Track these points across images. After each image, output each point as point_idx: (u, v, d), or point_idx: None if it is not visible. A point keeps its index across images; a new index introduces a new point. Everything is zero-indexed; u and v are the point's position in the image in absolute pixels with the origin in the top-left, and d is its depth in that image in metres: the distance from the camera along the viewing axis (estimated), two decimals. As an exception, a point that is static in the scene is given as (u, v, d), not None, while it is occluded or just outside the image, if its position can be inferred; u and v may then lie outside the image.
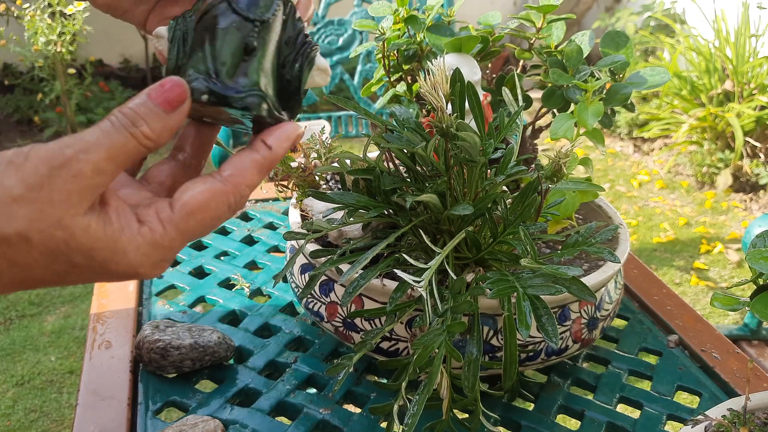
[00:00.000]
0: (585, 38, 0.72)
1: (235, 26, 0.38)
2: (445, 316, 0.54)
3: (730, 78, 3.05)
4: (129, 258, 0.36)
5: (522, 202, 0.59)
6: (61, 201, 0.33)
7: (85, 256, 0.35)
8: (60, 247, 0.34)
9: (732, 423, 0.50)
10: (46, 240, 0.34)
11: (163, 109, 0.36)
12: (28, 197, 0.33)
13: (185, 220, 0.37)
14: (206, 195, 0.37)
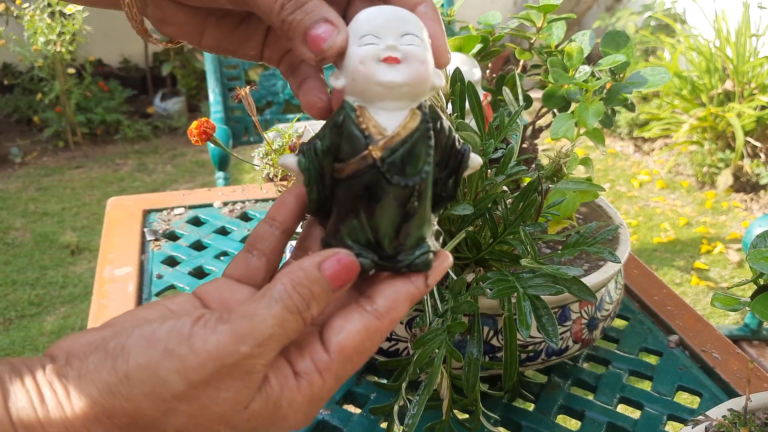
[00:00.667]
0: (585, 38, 0.72)
1: (392, 197, 0.34)
2: (446, 317, 0.54)
3: (730, 78, 3.04)
4: (288, 421, 0.33)
5: (522, 202, 0.59)
6: (227, 398, 0.30)
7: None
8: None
9: (732, 423, 0.50)
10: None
11: (332, 287, 0.32)
12: (191, 395, 0.29)
13: (344, 366, 0.33)
14: (363, 335, 0.33)
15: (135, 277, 0.84)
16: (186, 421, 0.30)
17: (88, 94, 3.42)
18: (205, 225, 0.98)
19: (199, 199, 1.04)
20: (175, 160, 3.28)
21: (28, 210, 2.75)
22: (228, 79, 1.49)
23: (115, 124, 3.47)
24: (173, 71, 3.61)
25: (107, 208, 1.01)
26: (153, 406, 0.29)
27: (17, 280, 2.26)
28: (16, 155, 3.20)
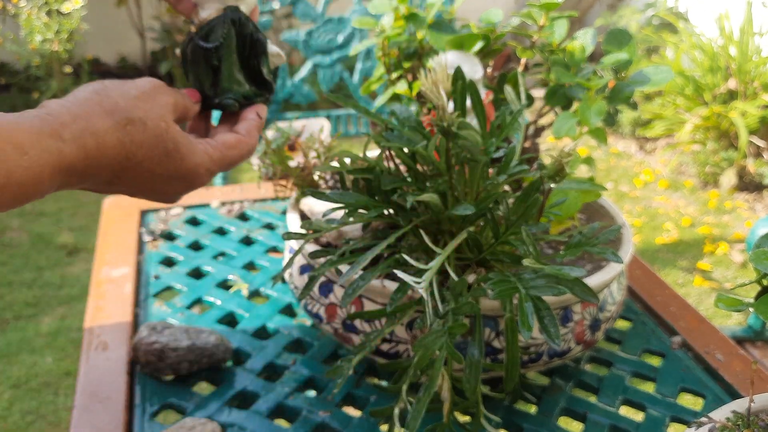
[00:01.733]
0: (588, 36, 0.71)
1: (201, 55, 0.54)
2: (447, 318, 0.53)
3: (733, 76, 3.04)
4: (197, 157, 0.51)
5: (524, 201, 0.58)
6: (162, 106, 0.50)
7: (174, 144, 0.49)
8: (162, 133, 0.48)
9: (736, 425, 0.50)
10: (155, 126, 0.48)
11: (192, 100, 0.56)
12: (144, 97, 0.49)
13: (223, 153, 0.53)
14: (234, 138, 0.54)
15: (132, 278, 0.83)
16: (144, 114, 0.48)
17: (87, 93, 3.42)
18: (202, 225, 0.97)
19: (196, 199, 1.03)
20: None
21: (24, 210, 2.74)
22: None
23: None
24: (171, 70, 3.60)
25: (104, 208, 1.00)
26: (124, 101, 0.48)
27: (14, 281, 2.26)
28: (16, 155, 3.20)
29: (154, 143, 0.49)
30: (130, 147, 0.47)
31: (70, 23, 2.95)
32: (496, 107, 0.74)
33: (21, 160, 0.41)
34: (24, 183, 0.42)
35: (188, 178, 0.51)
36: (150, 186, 0.50)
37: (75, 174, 0.45)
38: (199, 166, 0.52)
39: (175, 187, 0.52)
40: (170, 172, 0.50)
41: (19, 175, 0.41)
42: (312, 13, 1.44)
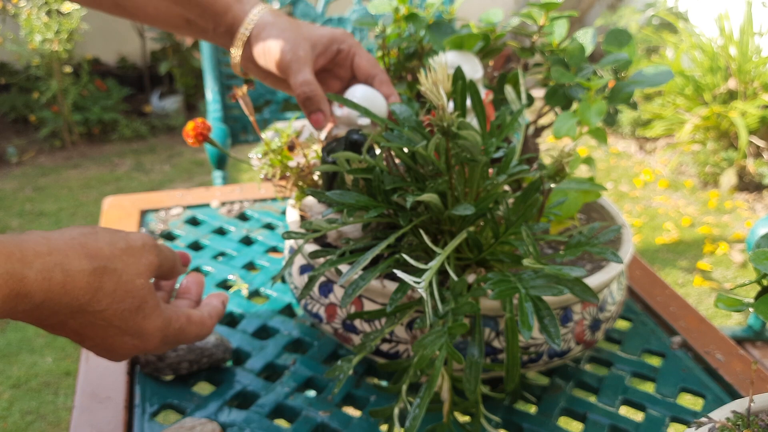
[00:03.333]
0: (587, 36, 0.71)
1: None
2: (446, 318, 0.53)
3: (733, 76, 3.04)
4: (158, 321, 0.51)
5: (524, 201, 0.58)
6: (144, 264, 0.51)
7: (141, 303, 0.50)
8: (133, 289, 0.49)
9: (736, 425, 0.50)
10: (129, 280, 0.49)
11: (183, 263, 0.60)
12: (130, 252, 0.50)
13: (186, 323, 0.55)
14: (199, 317, 0.56)
15: (133, 278, 0.83)
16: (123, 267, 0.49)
17: (85, 93, 3.41)
18: (202, 225, 0.97)
19: (196, 199, 1.03)
20: (173, 159, 3.27)
21: (24, 210, 2.74)
22: (226, 77, 1.49)
23: (112, 123, 3.46)
24: (171, 70, 3.60)
25: (104, 207, 1.00)
26: (109, 249, 0.49)
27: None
28: (13, 155, 3.20)
29: (122, 297, 0.49)
30: (97, 294, 0.47)
31: (70, 23, 2.95)
32: (496, 107, 0.74)
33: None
34: None
35: (142, 337, 0.51)
36: (101, 336, 0.49)
37: (30, 303, 0.44)
38: (157, 330, 0.51)
39: (124, 344, 0.51)
40: (126, 328, 0.50)
41: None
42: (312, 13, 1.44)
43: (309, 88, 0.64)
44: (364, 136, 0.65)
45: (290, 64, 0.65)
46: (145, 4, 0.70)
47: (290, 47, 0.65)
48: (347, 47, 0.69)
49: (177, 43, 3.59)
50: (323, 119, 0.65)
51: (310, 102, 0.64)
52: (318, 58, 0.68)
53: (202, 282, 0.62)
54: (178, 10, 0.70)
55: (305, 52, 0.66)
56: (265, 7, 0.69)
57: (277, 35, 0.66)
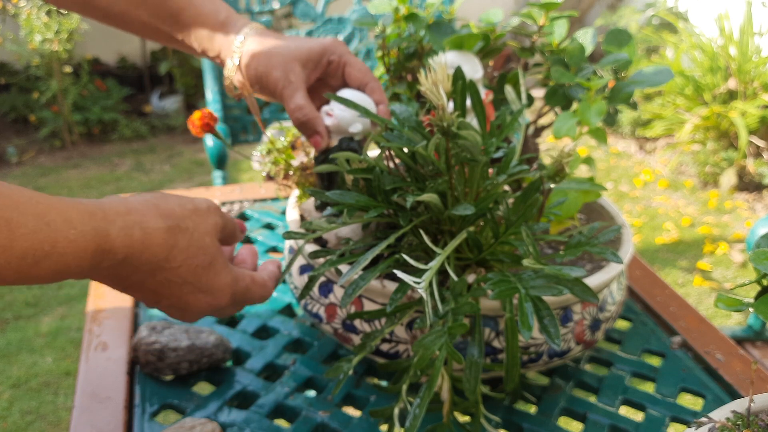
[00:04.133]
0: (587, 36, 0.71)
1: None
2: (447, 318, 0.53)
3: (733, 76, 3.04)
4: (228, 278, 0.54)
5: (524, 201, 0.58)
6: (211, 224, 0.54)
7: (212, 260, 0.53)
8: (204, 246, 0.52)
9: (736, 425, 0.50)
10: (200, 238, 0.52)
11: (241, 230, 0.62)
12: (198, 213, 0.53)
13: (251, 284, 0.57)
14: (261, 280, 0.59)
15: (133, 278, 0.83)
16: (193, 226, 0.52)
17: (85, 92, 3.41)
18: (203, 225, 0.97)
19: (197, 199, 1.03)
20: (173, 159, 3.27)
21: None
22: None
23: (112, 123, 3.46)
24: (171, 70, 3.60)
25: (105, 207, 1.00)
26: (180, 210, 0.52)
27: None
28: (13, 155, 3.20)
29: (194, 253, 0.52)
30: (172, 251, 0.50)
31: (69, 23, 2.95)
32: (496, 107, 0.74)
33: (68, 232, 0.43)
34: (65, 254, 0.43)
35: (214, 294, 0.54)
36: (176, 294, 0.52)
37: (113, 259, 0.47)
38: (227, 286, 0.54)
39: (198, 301, 0.53)
40: (200, 285, 0.53)
41: (63, 246, 0.43)
42: (312, 13, 1.44)
43: (302, 113, 0.65)
44: (357, 143, 0.65)
45: (283, 92, 0.66)
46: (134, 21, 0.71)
47: (281, 73, 0.66)
48: (337, 58, 0.69)
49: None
50: (321, 141, 0.66)
51: (305, 126, 0.66)
52: (310, 74, 0.68)
53: (256, 253, 0.63)
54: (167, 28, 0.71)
55: (296, 76, 0.66)
56: (249, 31, 0.69)
57: (266, 62, 0.66)
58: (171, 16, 0.70)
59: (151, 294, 0.52)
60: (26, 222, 0.41)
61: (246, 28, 0.69)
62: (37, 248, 0.42)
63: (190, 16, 0.69)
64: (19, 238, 0.41)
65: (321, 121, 0.66)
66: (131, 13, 0.71)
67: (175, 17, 0.70)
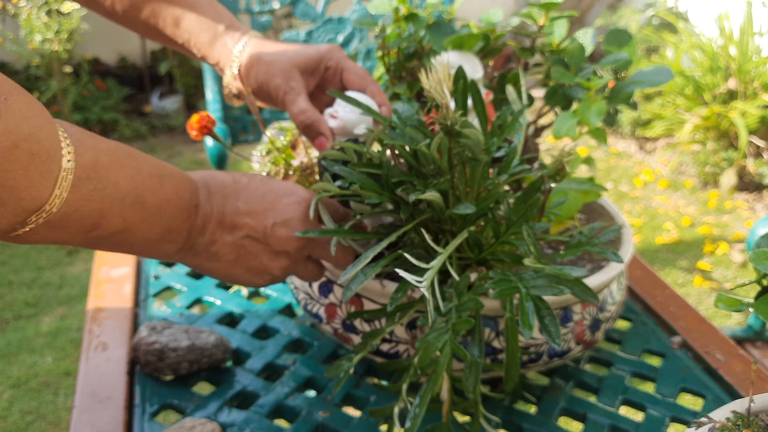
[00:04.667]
0: (587, 36, 0.71)
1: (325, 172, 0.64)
2: (450, 315, 0.53)
3: (733, 76, 3.04)
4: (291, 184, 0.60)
5: (525, 201, 0.58)
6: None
7: (267, 177, 0.60)
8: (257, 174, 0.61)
9: (736, 425, 0.49)
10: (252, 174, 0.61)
11: None
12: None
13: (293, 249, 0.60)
14: None
15: (132, 278, 0.83)
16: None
17: (85, 92, 3.41)
18: (203, 225, 0.97)
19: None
20: (173, 159, 3.27)
21: (27, 209, 2.74)
22: (228, 77, 1.48)
23: (112, 123, 3.46)
24: (171, 70, 3.60)
25: (105, 207, 1.00)
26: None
27: (13, 281, 2.25)
28: (15, 155, 3.19)
29: (249, 175, 0.59)
30: (235, 176, 0.58)
31: (69, 23, 2.95)
32: (497, 107, 0.74)
33: (168, 165, 0.53)
34: (175, 177, 0.52)
35: (293, 193, 0.58)
36: (262, 205, 0.57)
37: (202, 187, 0.55)
38: (295, 185, 0.59)
39: (287, 203, 0.58)
40: (275, 189, 0.58)
41: (172, 171, 0.52)
42: (312, 13, 1.44)
43: (306, 116, 0.66)
44: (362, 145, 0.65)
45: (285, 98, 0.68)
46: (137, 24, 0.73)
47: (282, 80, 0.67)
48: (335, 64, 0.70)
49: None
50: (326, 142, 0.67)
51: (310, 129, 0.66)
52: (309, 81, 0.70)
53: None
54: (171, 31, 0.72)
55: (297, 82, 0.68)
56: (248, 40, 0.70)
57: (266, 71, 0.68)
58: (173, 20, 0.71)
59: (251, 219, 0.56)
60: (140, 155, 0.50)
61: (245, 38, 0.70)
62: (158, 169, 0.51)
63: (191, 21, 0.70)
64: (143, 164, 0.49)
65: (325, 123, 0.66)
66: (133, 14, 0.72)
67: (177, 22, 0.71)
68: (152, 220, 0.50)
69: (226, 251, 0.56)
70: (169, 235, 0.52)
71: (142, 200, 0.49)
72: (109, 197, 0.46)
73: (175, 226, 0.52)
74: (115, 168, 0.47)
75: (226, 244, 0.56)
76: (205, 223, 0.55)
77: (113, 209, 0.47)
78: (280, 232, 0.57)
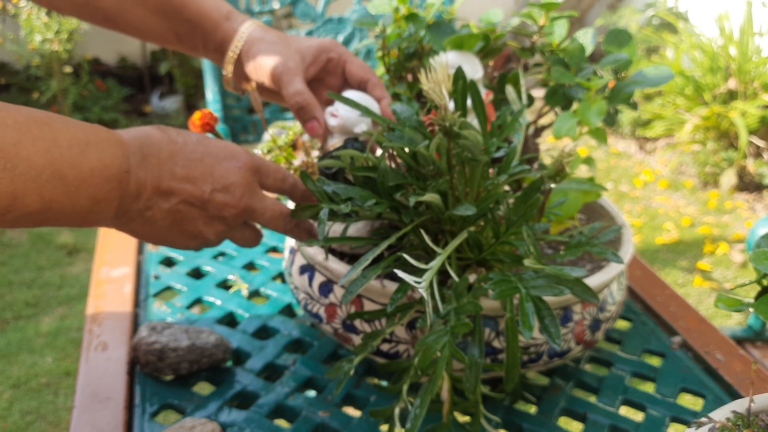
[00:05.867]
0: (587, 36, 0.71)
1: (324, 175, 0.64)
2: (449, 317, 0.53)
3: (734, 76, 3.04)
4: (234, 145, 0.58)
5: (525, 201, 0.58)
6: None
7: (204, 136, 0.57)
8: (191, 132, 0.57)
9: (736, 425, 0.49)
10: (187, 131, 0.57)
11: None
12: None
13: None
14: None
15: (132, 278, 0.83)
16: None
17: (85, 92, 3.41)
18: (204, 225, 0.97)
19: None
20: (175, 159, 3.27)
21: (26, 209, 2.73)
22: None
23: (112, 123, 3.45)
24: (171, 70, 3.60)
25: (105, 207, 1.00)
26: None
27: (13, 281, 2.25)
28: (15, 155, 3.19)
29: (184, 134, 0.56)
30: (171, 134, 0.54)
31: (69, 23, 2.95)
32: (497, 107, 0.74)
33: (95, 128, 0.49)
34: (102, 142, 0.49)
35: (234, 156, 0.56)
36: (200, 169, 0.54)
37: (135, 150, 0.51)
38: (236, 146, 0.57)
39: (228, 167, 0.55)
40: (212, 151, 0.55)
41: (97, 136, 0.49)
42: (312, 13, 1.44)
43: (302, 97, 0.66)
44: (362, 144, 0.65)
45: (282, 76, 0.67)
46: (135, 19, 0.72)
47: (281, 60, 0.68)
48: (337, 55, 0.70)
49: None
50: (318, 126, 0.67)
51: (303, 111, 0.66)
52: (309, 67, 0.70)
53: None
54: (167, 25, 0.72)
55: (295, 63, 0.68)
56: (253, 23, 0.71)
57: (267, 50, 0.68)
58: (174, 11, 0.70)
59: (188, 184, 0.53)
60: (59, 122, 0.47)
61: (249, 21, 0.71)
62: (79, 138, 0.47)
63: (193, 11, 0.70)
64: (60, 133, 0.46)
65: (319, 107, 0.66)
66: (132, 12, 0.71)
67: (179, 12, 0.71)
68: (76, 194, 0.47)
69: (161, 217, 0.54)
70: (97, 206, 0.49)
71: (61, 174, 0.45)
72: (21, 176, 0.43)
73: (102, 197, 0.49)
74: (26, 143, 0.43)
75: (162, 210, 0.54)
76: (139, 189, 0.52)
77: (27, 188, 0.43)
78: (218, 198, 0.55)
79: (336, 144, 0.67)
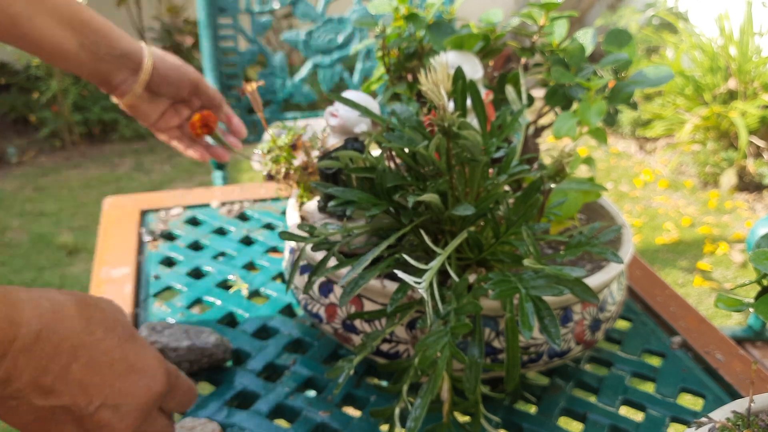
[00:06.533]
0: (587, 36, 0.71)
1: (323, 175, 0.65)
2: (449, 318, 0.53)
3: (733, 76, 3.04)
4: (153, 353, 0.50)
5: (524, 202, 0.58)
6: (117, 309, 0.51)
7: (132, 334, 0.49)
8: (120, 318, 0.49)
9: (736, 425, 0.49)
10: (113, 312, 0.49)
11: None
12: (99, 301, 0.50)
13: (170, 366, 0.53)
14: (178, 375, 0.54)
15: (132, 278, 0.83)
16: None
17: (85, 92, 3.40)
18: (202, 225, 0.97)
19: (196, 199, 1.03)
20: (173, 159, 3.27)
21: (24, 210, 2.74)
22: (226, 77, 1.49)
23: (112, 123, 3.45)
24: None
25: (104, 207, 1.00)
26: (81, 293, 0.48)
27: (14, 281, 2.25)
28: (13, 155, 3.20)
29: (113, 325, 0.47)
30: (90, 322, 0.46)
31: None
32: (496, 107, 0.74)
33: None
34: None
35: (147, 373, 0.48)
36: (108, 381, 0.46)
37: (29, 335, 0.42)
38: (157, 360, 0.49)
39: (135, 386, 0.47)
40: (130, 362, 0.47)
41: None
42: (312, 13, 1.44)
43: (220, 95, 0.84)
44: (362, 144, 0.65)
45: (200, 80, 0.83)
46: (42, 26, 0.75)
47: (191, 70, 0.82)
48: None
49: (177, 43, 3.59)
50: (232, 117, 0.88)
51: (224, 104, 0.85)
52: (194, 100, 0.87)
53: None
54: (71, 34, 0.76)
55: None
56: (147, 48, 0.81)
57: (176, 61, 0.82)
58: (81, 22, 0.75)
59: (79, 389, 0.45)
60: None
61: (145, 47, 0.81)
62: None
63: (100, 21, 0.77)
64: None
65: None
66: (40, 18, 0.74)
67: (87, 23, 0.76)
68: None
69: (26, 411, 0.44)
70: None
71: None
72: None
73: None
74: None
75: (31, 406, 0.44)
76: (9, 377, 0.42)
77: None
78: (103, 416, 0.46)
79: (336, 144, 0.66)
